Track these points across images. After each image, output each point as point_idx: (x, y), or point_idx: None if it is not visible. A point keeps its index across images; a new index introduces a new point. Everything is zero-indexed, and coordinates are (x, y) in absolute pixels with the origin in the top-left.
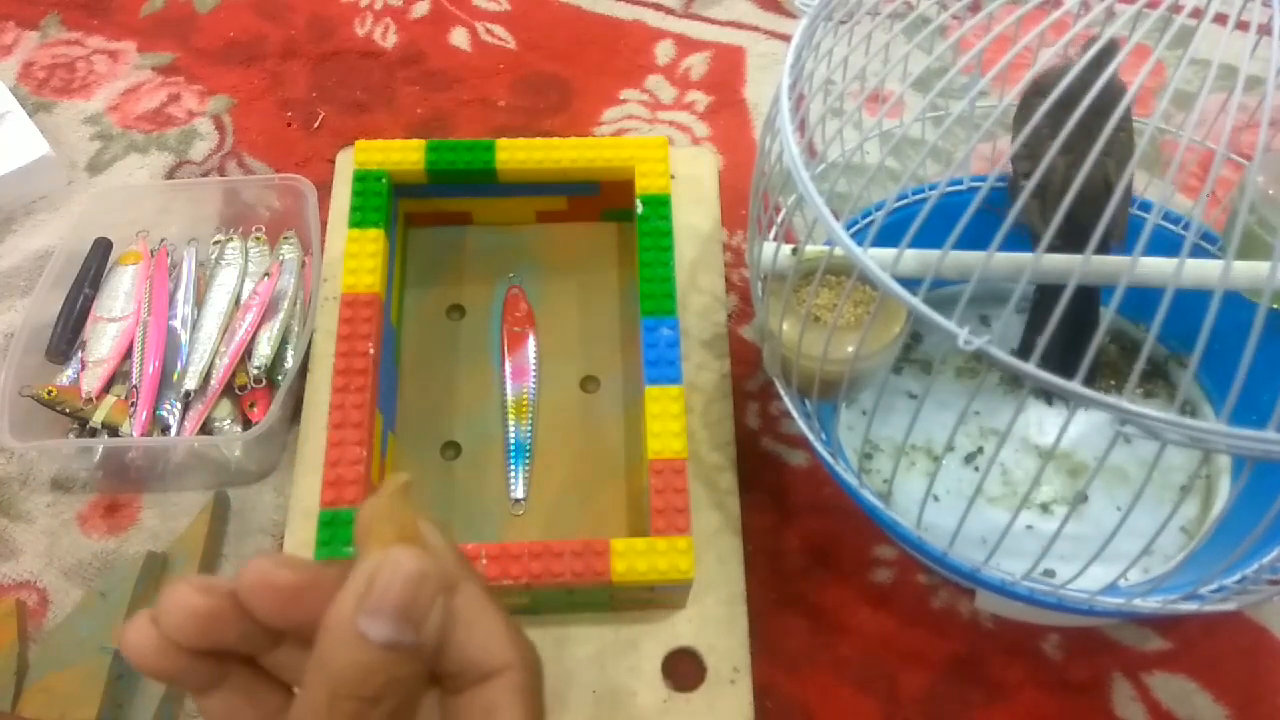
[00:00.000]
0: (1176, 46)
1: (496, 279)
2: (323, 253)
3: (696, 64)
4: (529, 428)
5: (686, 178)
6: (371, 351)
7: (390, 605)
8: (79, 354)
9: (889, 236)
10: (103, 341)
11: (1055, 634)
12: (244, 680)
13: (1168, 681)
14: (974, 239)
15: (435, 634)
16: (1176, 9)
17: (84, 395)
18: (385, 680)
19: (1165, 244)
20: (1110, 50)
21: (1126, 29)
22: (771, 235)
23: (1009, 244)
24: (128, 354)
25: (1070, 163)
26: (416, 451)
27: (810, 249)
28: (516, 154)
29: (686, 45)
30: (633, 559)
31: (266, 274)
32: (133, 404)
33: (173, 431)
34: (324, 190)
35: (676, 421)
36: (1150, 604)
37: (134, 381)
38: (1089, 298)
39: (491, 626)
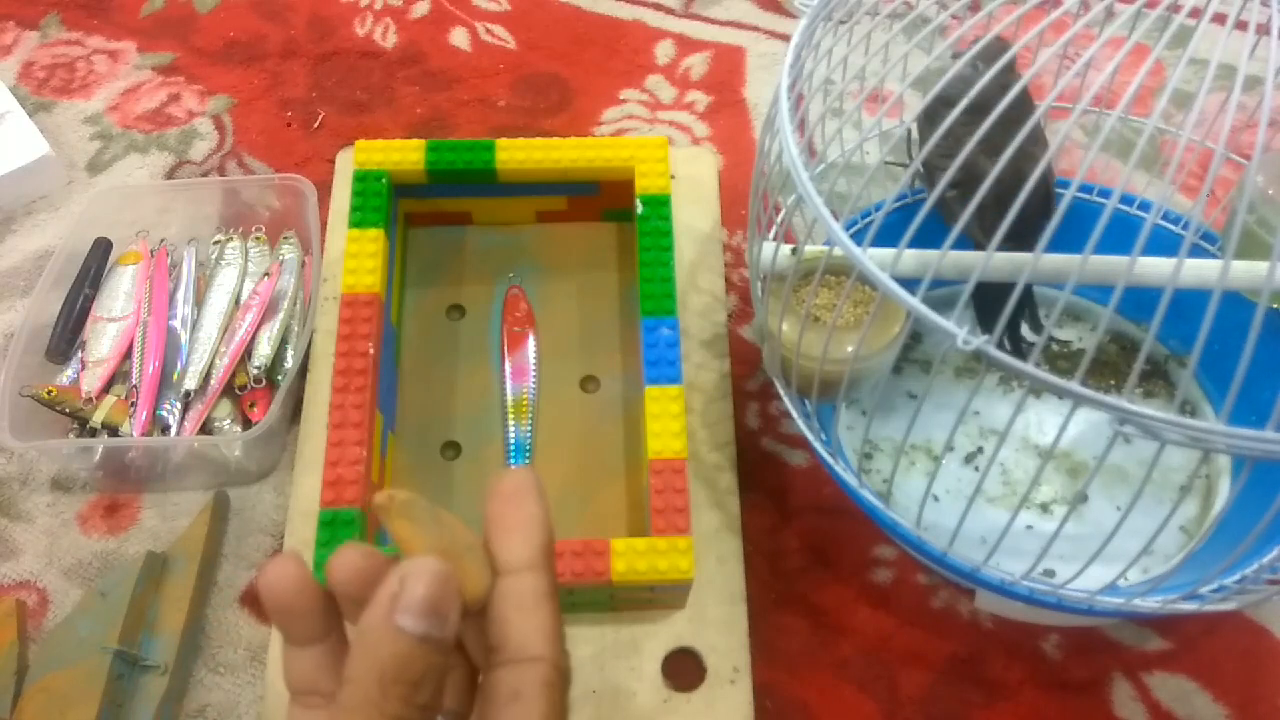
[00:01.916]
0: (1175, 46)
1: (496, 279)
2: (323, 253)
3: (696, 64)
4: (529, 428)
5: (686, 178)
6: (371, 351)
7: (422, 600)
8: (79, 354)
9: (888, 236)
10: (103, 341)
11: (1055, 634)
12: (336, 645)
13: (1167, 681)
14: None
15: (455, 627)
16: (1175, 9)
17: (84, 395)
18: (424, 667)
19: (1165, 244)
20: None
21: (1126, 29)
22: (771, 235)
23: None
24: (128, 354)
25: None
26: (416, 451)
27: (810, 249)
28: (516, 154)
29: (686, 45)
30: (633, 559)
31: (266, 274)
32: (133, 404)
33: (173, 431)
34: (324, 190)
35: (676, 421)
36: (1150, 604)
37: (134, 381)
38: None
39: (541, 620)
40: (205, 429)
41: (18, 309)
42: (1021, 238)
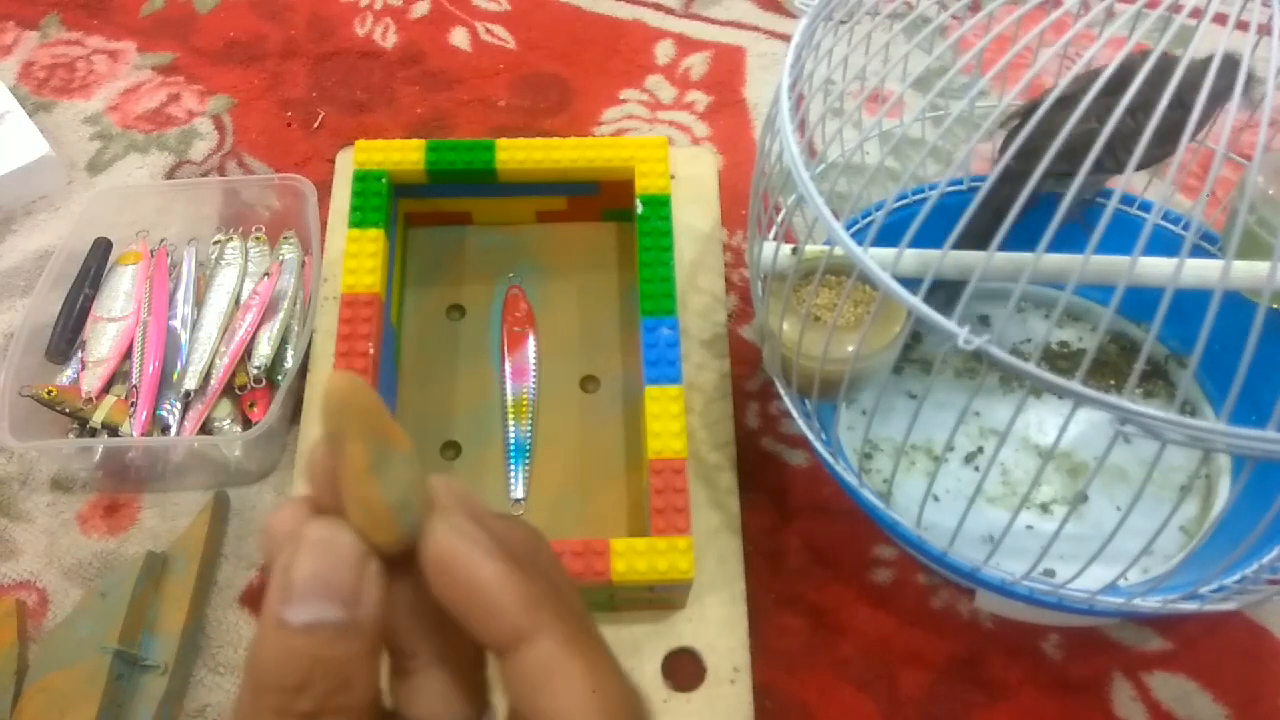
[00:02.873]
0: (1176, 46)
1: (496, 279)
2: (323, 253)
3: (696, 64)
4: (529, 428)
5: (686, 178)
6: (371, 351)
7: (305, 583)
8: (79, 354)
9: (889, 236)
10: (103, 341)
11: (1055, 634)
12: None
13: (1167, 681)
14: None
15: (373, 608)
16: (1176, 9)
17: (84, 395)
18: (308, 666)
19: (1165, 244)
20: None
21: (1127, 29)
22: (771, 235)
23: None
24: (128, 354)
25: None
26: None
27: (810, 249)
28: (516, 154)
29: (686, 45)
30: (633, 559)
31: (266, 274)
32: (133, 404)
33: (173, 431)
34: (324, 190)
35: (676, 421)
36: (1150, 604)
37: (134, 381)
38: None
39: (565, 692)
40: (205, 429)
41: (18, 309)
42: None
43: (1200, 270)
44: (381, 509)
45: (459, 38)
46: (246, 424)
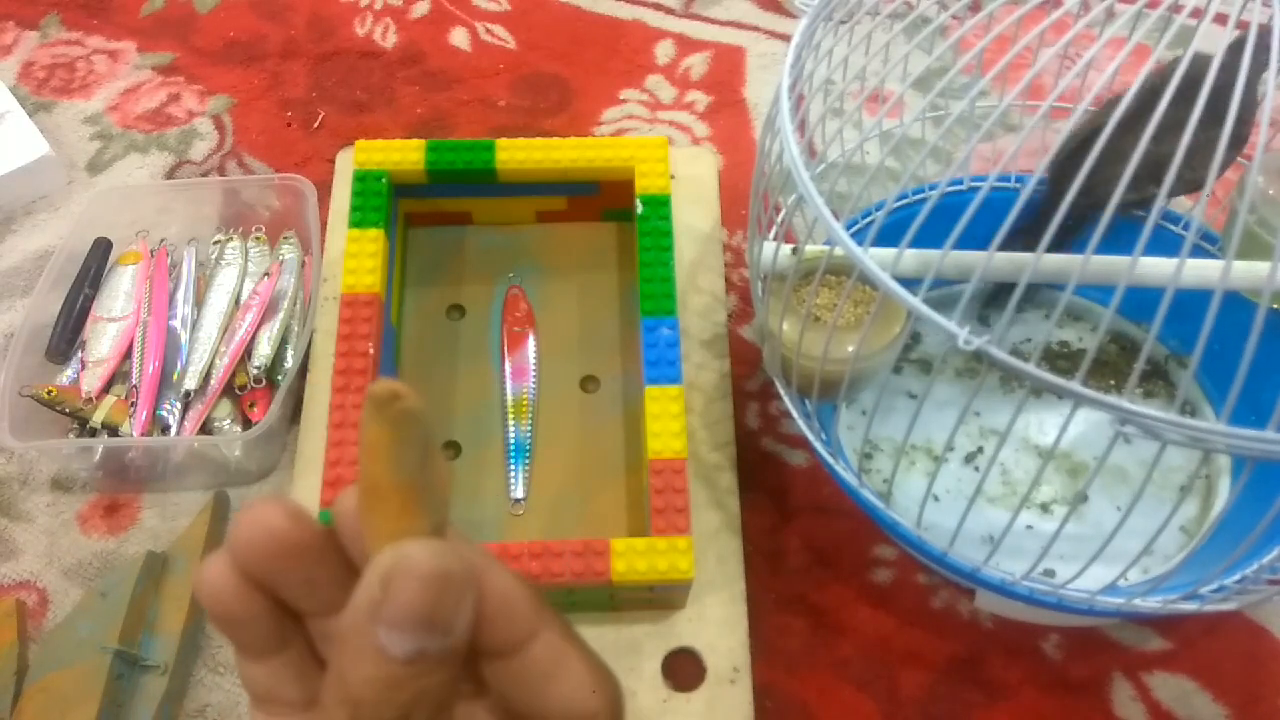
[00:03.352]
0: (1177, 46)
1: (496, 279)
2: (323, 253)
3: (696, 64)
4: (529, 428)
5: (686, 178)
6: (371, 351)
7: (409, 614)
8: (79, 354)
9: (889, 236)
10: (103, 341)
11: (1055, 634)
12: (299, 655)
13: (1167, 681)
14: (974, 239)
15: (466, 631)
16: (1176, 9)
17: (84, 395)
18: (411, 696)
19: (1165, 244)
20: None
21: (1127, 29)
22: (771, 235)
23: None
24: (128, 354)
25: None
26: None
27: (810, 249)
28: (516, 154)
29: (686, 45)
30: (633, 559)
31: (266, 274)
32: (133, 404)
33: (173, 431)
34: (324, 190)
35: (676, 421)
36: (1150, 604)
37: (134, 381)
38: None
39: (572, 678)
40: (205, 429)
41: (18, 309)
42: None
43: (1200, 270)
44: (419, 522)
45: (459, 38)
46: (246, 424)
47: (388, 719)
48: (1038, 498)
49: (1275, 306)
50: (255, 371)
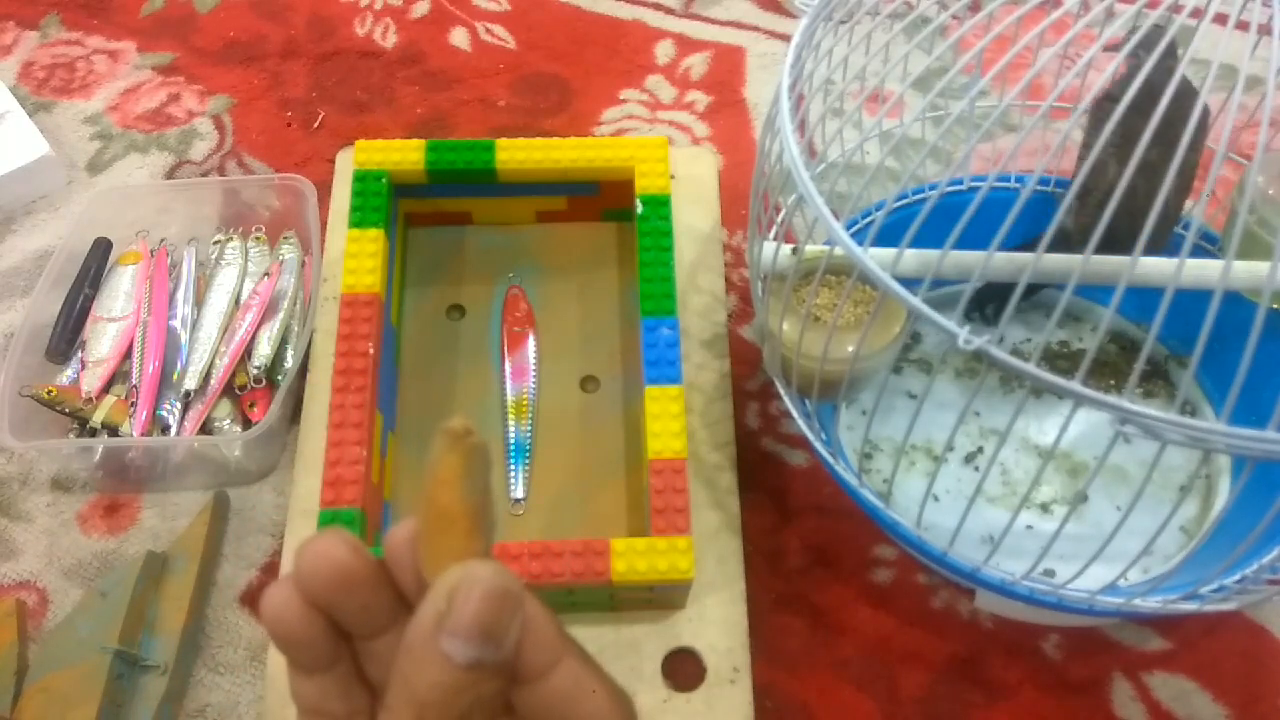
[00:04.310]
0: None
1: (496, 279)
2: (323, 253)
3: (696, 64)
4: (529, 428)
5: (686, 178)
6: (371, 351)
7: (473, 624)
8: (79, 354)
9: (889, 236)
10: (103, 341)
11: (1055, 634)
12: (346, 673)
13: (1167, 681)
14: (974, 239)
15: (514, 646)
16: (1176, 9)
17: (84, 395)
18: (470, 700)
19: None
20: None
21: (1126, 29)
22: (771, 235)
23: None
24: (128, 354)
25: (1119, 171)
26: (416, 451)
27: (810, 249)
28: (516, 154)
29: (686, 45)
30: (633, 559)
31: (266, 274)
32: (133, 404)
33: (173, 431)
34: (324, 190)
35: (676, 421)
36: (1150, 604)
37: (134, 381)
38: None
39: (593, 702)
40: (205, 429)
41: (18, 309)
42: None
43: (1200, 270)
44: (478, 544)
45: (459, 38)
46: (246, 424)
47: (451, 717)
48: (1038, 498)
49: (1275, 306)
50: (255, 371)
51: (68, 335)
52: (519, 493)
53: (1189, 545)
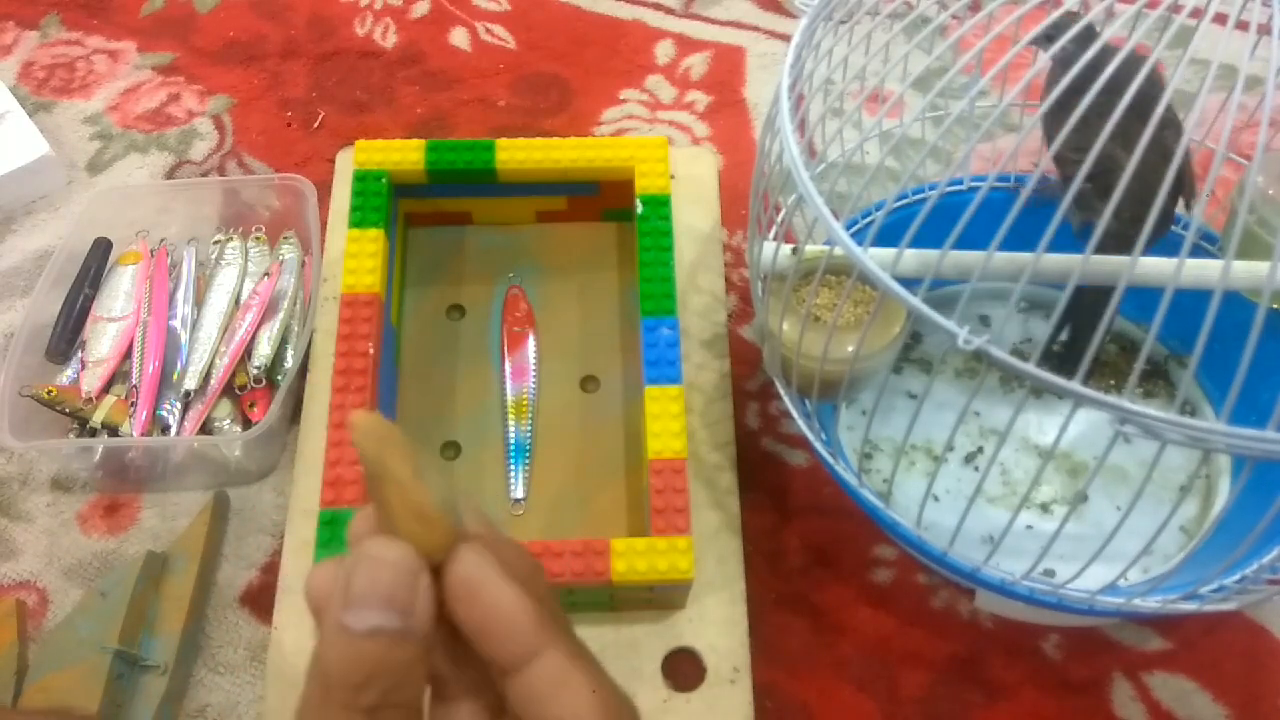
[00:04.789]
0: (1176, 46)
1: (496, 279)
2: (323, 253)
3: (696, 64)
4: (529, 428)
5: (686, 178)
6: (371, 351)
7: (367, 594)
8: (79, 354)
9: (889, 236)
10: (103, 341)
11: (1055, 634)
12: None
13: (1167, 681)
14: (974, 239)
15: (427, 617)
16: (1176, 9)
17: (84, 395)
18: (371, 667)
19: (1165, 244)
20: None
21: (1126, 29)
22: (771, 235)
23: (1009, 243)
24: (128, 354)
25: (1126, 151)
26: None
27: (810, 249)
28: (516, 154)
29: (686, 45)
30: (633, 559)
31: (266, 274)
32: (133, 404)
33: (173, 431)
34: (324, 190)
35: (676, 421)
36: (1150, 604)
37: (134, 381)
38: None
39: (571, 701)
40: (205, 429)
41: (18, 309)
42: (1158, 227)
43: (1200, 270)
44: (433, 510)
45: (459, 38)
46: (246, 424)
47: (351, 684)
48: (1038, 498)
49: (1275, 306)
50: (255, 371)
51: (68, 335)
52: (519, 493)
53: (1189, 545)
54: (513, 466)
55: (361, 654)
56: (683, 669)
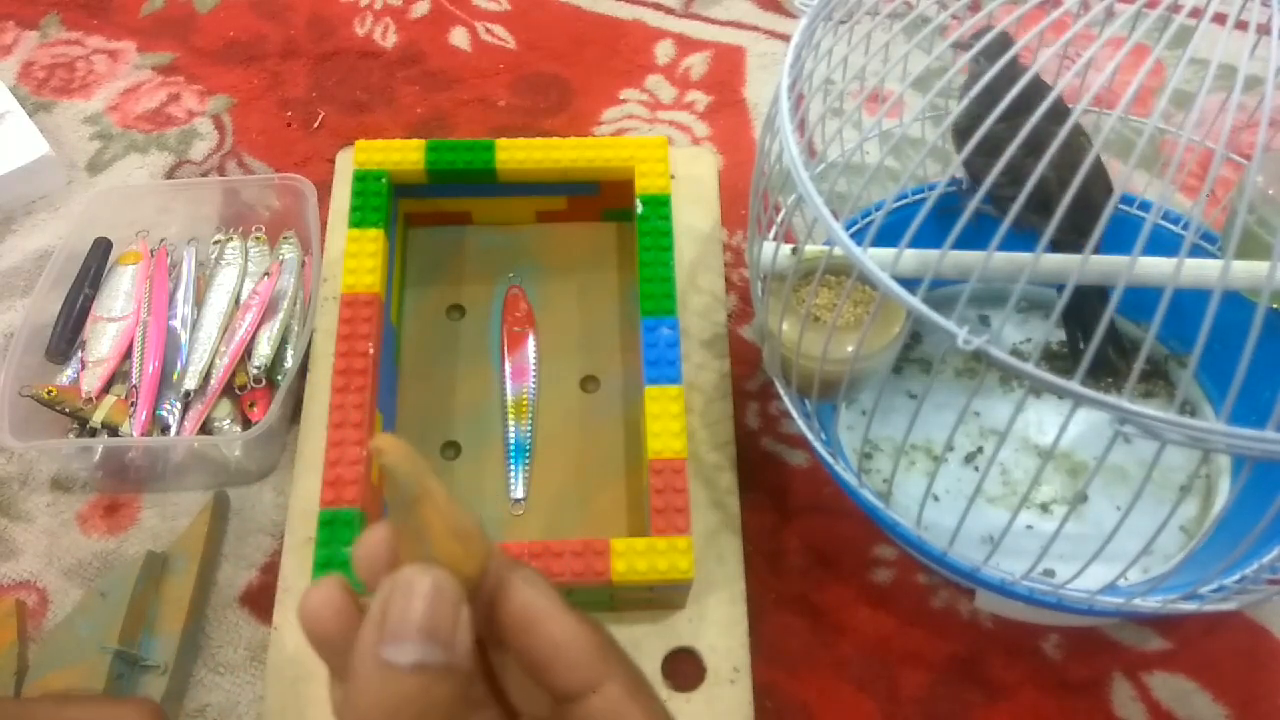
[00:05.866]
0: (1176, 46)
1: (496, 279)
2: (322, 253)
3: (696, 64)
4: (529, 428)
5: (686, 178)
6: (371, 351)
7: (410, 625)
8: (79, 354)
9: (889, 236)
10: (103, 341)
11: (1055, 634)
12: None
13: (1167, 681)
14: (974, 239)
15: (468, 649)
16: (1176, 9)
17: (84, 395)
18: (420, 708)
19: (1165, 244)
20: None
21: (1126, 29)
22: (771, 235)
23: (1008, 244)
24: (128, 354)
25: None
26: (416, 451)
27: (810, 249)
28: (516, 154)
29: (686, 45)
30: (633, 559)
31: (266, 274)
32: (133, 404)
33: (173, 431)
34: (324, 190)
35: (676, 421)
36: (1150, 604)
37: (134, 381)
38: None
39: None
40: (205, 429)
41: (18, 309)
42: (1084, 229)
43: (1200, 270)
44: (475, 529)
45: (459, 38)
46: (246, 424)
47: None
48: (1037, 498)
49: (1275, 306)
50: (255, 371)
51: (68, 335)
52: (519, 493)
53: (1189, 545)
54: (513, 466)
55: (405, 692)
56: (683, 669)
